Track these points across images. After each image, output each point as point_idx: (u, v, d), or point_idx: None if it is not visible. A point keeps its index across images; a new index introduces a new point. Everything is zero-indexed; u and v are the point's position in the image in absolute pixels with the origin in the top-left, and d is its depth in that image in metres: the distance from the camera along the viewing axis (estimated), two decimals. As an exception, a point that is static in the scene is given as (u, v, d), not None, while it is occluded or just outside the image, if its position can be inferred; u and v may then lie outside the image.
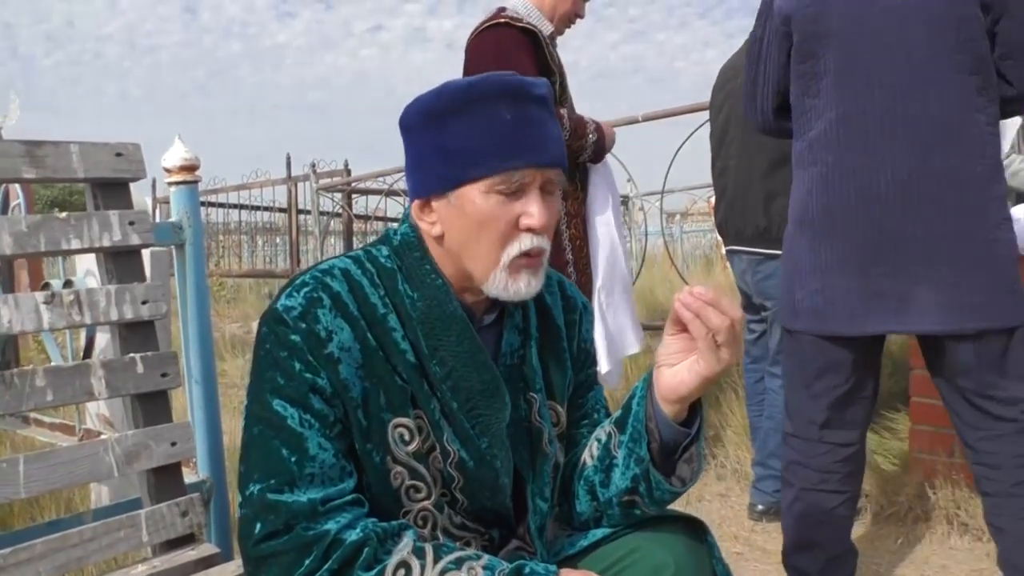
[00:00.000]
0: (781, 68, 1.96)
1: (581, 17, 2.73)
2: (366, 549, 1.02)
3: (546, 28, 2.60)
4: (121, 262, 1.37)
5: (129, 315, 1.35)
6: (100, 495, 2.56)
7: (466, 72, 2.55)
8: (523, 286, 1.12)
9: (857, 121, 1.79)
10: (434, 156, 1.12)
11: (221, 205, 9.61)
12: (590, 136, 2.58)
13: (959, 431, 1.89)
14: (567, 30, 2.73)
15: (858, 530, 2.68)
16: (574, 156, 2.57)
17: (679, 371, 1.08)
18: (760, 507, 2.88)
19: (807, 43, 1.86)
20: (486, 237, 1.10)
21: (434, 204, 1.14)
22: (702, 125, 3.27)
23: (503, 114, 1.08)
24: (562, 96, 2.62)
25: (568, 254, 2.60)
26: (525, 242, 1.11)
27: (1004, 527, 1.83)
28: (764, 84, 2.01)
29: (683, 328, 1.07)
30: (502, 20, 2.51)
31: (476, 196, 1.09)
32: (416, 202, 1.16)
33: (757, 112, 2.07)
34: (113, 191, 1.38)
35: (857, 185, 1.79)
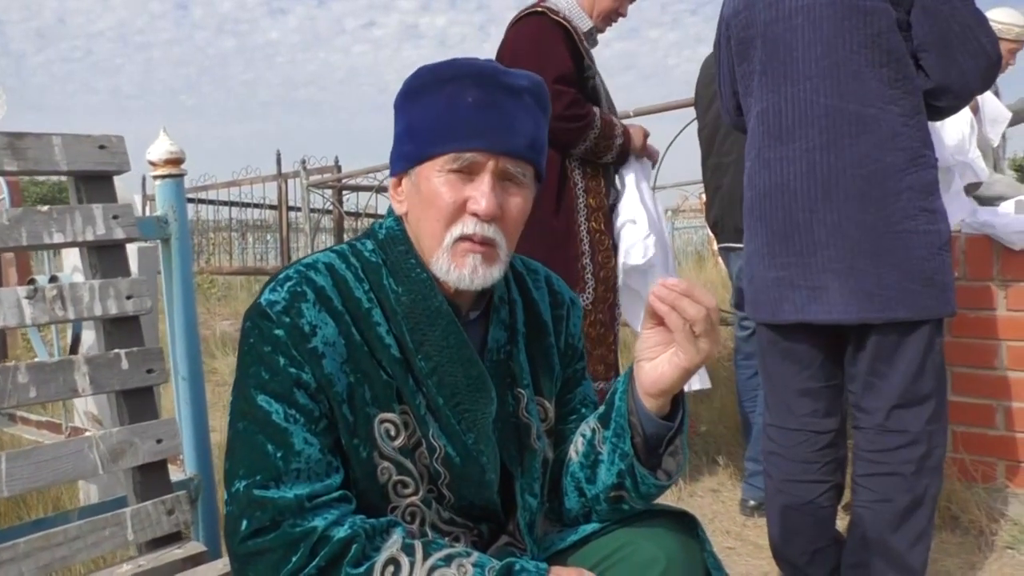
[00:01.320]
0: (730, 71, 2.05)
1: (623, 15, 2.77)
2: (354, 546, 1.01)
3: (584, 24, 2.66)
4: (105, 256, 1.35)
5: (113, 310, 1.33)
6: (88, 493, 2.55)
7: (501, 57, 2.61)
8: (467, 272, 1.10)
9: (773, 115, 1.85)
10: (404, 134, 1.14)
11: (211, 202, 9.56)
12: (617, 139, 2.64)
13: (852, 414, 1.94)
14: (608, 28, 2.79)
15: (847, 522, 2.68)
16: (598, 155, 2.63)
17: (659, 364, 1.07)
18: (752, 502, 2.88)
19: (742, 46, 1.95)
20: (433, 214, 1.10)
21: (403, 182, 1.16)
22: (693, 120, 3.25)
23: (465, 96, 1.08)
24: (595, 95, 2.67)
25: (585, 245, 2.64)
26: (468, 225, 1.09)
27: (853, 512, 1.89)
28: (723, 85, 2.11)
29: (660, 321, 1.06)
30: (540, 9, 2.58)
31: (432, 174, 1.10)
32: (392, 180, 1.19)
33: (724, 111, 2.18)
34: (96, 184, 1.36)
35: (773, 176, 1.85)
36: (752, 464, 2.90)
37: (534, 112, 1.12)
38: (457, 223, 1.10)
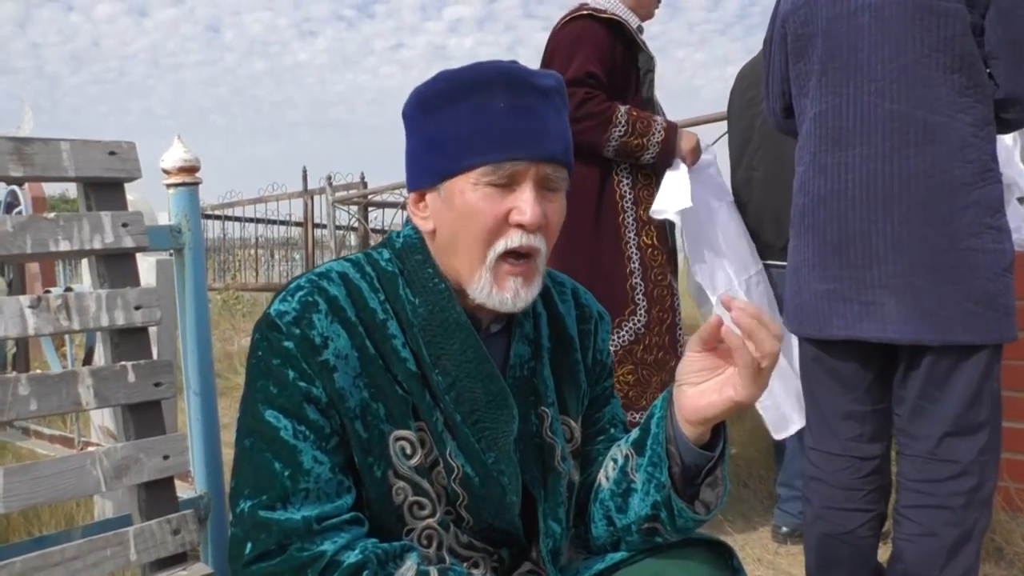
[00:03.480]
0: (783, 69, 1.95)
1: None
2: (365, 572, 0.96)
3: (632, 20, 2.56)
4: (114, 266, 1.30)
5: (121, 321, 1.28)
6: (104, 509, 2.51)
7: (544, 63, 2.55)
8: (509, 296, 1.04)
9: (832, 119, 1.75)
10: (427, 146, 1.07)
11: (238, 219, 9.64)
12: (655, 134, 2.49)
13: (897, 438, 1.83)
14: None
15: (887, 552, 2.58)
16: (633, 154, 2.50)
17: (707, 392, 1.00)
18: (785, 529, 2.77)
19: (799, 43, 1.84)
20: (472, 231, 1.04)
21: (427, 197, 1.09)
22: (721, 136, 3.18)
23: (496, 103, 1.02)
24: (652, 90, 2.60)
25: (635, 263, 2.51)
26: (514, 238, 1.03)
27: (895, 545, 1.79)
28: (772, 85, 2.01)
29: (711, 347, 0.99)
30: (584, 12, 2.50)
31: (466, 188, 1.03)
32: (411, 195, 1.12)
33: (769, 112, 2.07)
34: (106, 191, 1.31)
35: (828, 183, 1.75)
36: (784, 489, 2.80)
37: (563, 112, 1.08)
38: (500, 238, 1.04)
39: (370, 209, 7.98)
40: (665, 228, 2.60)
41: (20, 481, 1.15)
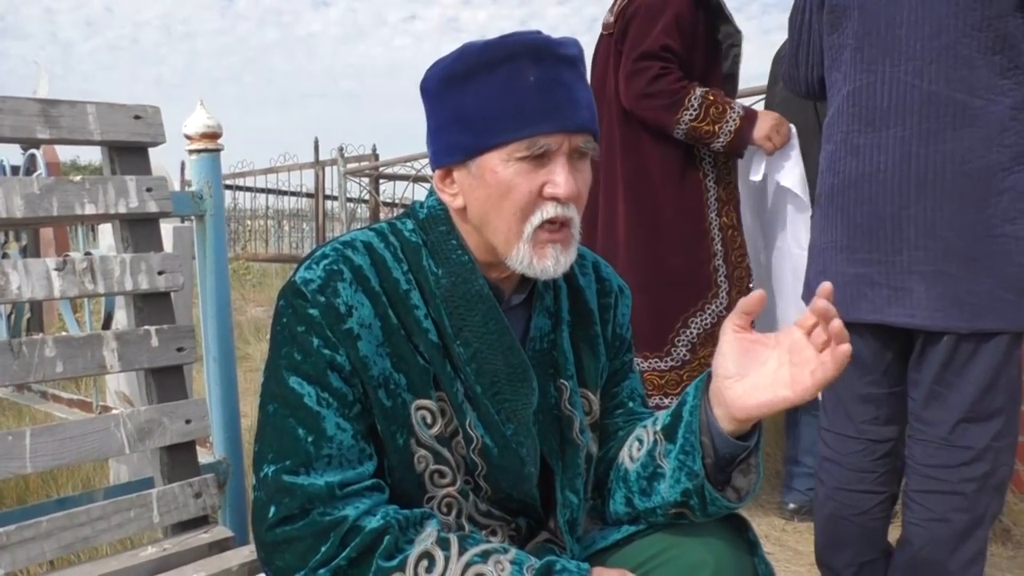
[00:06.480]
0: (819, 39, 1.88)
1: None
2: (387, 537, 0.97)
3: None
4: (138, 230, 1.32)
5: (144, 285, 1.29)
6: (119, 473, 2.53)
7: (621, 29, 2.40)
8: (550, 263, 1.04)
9: (867, 97, 1.70)
10: (454, 123, 1.05)
11: (249, 189, 9.64)
12: (728, 123, 2.33)
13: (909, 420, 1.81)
14: None
15: (894, 533, 2.59)
16: (702, 140, 2.35)
17: (756, 390, 0.99)
18: (792, 506, 2.79)
19: (834, 14, 1.78)
20: (508, 208, 1.03)
21: (455, 174, 1.07)
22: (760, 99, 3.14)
23: (526, 75, 1.01)
24: (735, 66, 2.49)
25: (717, 244, 2.43)
26: (548, 210, 1.03)
27: (905, 528, 1.78)
28: (809, 54, 1.93)
29: (748, 322, 1.00)
30: None
31: (497, 164, 1.02)
32: (437, 172, 1.10)
33: (801, 81, 1.98)
34: (131, 155, 1.32)
35: (861, 164, 1.71)
36: (792, 466, 2.82)
37: (585, 77, 1.07)
38: (536, 211, 1.03)
39: (381, 181, 7.97)
40: (739, 209, 2.51)
41: (46, 442, 1.16)
